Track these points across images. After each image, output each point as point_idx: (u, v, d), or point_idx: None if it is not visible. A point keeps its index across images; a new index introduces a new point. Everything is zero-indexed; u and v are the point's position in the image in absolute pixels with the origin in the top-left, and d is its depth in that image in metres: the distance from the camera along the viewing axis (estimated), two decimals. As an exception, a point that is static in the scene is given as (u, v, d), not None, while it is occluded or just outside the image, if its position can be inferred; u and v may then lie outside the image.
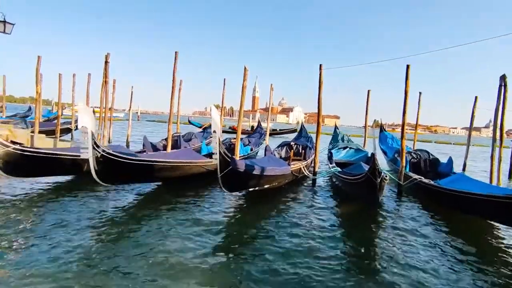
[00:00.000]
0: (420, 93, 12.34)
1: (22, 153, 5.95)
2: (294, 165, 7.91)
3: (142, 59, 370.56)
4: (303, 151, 10.62)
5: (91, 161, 5.01)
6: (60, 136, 13.35)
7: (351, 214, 6.08)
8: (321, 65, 8.19)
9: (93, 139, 4.98)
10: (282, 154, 10.44)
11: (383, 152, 11.76)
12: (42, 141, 10.02)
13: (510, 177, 11.50)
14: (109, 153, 5.31)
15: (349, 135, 14.13)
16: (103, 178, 5.34)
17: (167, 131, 9.58)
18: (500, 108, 8.04)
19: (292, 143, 10.90)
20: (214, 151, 5.00)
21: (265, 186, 6.59)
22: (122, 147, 9.94)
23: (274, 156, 8.92)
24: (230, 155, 5.32)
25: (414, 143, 13.06)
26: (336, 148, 11.46)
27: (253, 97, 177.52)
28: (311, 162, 9.65)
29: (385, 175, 5.50)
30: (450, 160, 9.03)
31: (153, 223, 4.83)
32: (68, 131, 15.66)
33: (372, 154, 5.74)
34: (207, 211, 5.57)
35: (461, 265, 4.12)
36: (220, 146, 4.97)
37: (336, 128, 14.66)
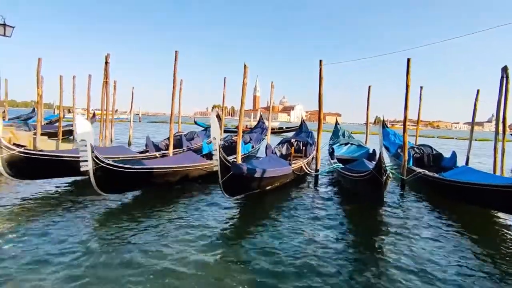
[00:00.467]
0: (421, 87, 12.24)
1: (26, 156, 5.97)
2: (295, 164, 7.88)
3: (141, 60, 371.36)
4: (303, 147, 10.58)
5: (91, 174, 5.04)
6: (62, 138, 13.41)
7: (355, 210, 6.04)
8: (321, 61, 8.17)
9: (93, 152, 4.99)
10: (283, 151, 10.41)
11: (386, 148, 11.71)
12: (44, 143, 10.06)
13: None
14: (109, 164, 5.32)
15: (350, 132, 14.09)
16: (104, 189, 5.37)
17: (169, 131, 9.59)
18: (502, 100, 7.96)
19: (293, 140, 10.86)
20: (215, 158, 4.98)
21: (267, 188, 6.58)
22: (124, 147, 9.96)
23: (275, 156, 8.86)
24: (231, 160, 5.25)
25: (416, 139, 12.99)
26: (338, 144, 11.42)
27: (254, 97, 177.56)
28: (312, 159, 9.62)
29: (389, 173, 5.48)
30: (454, 154, 8.99)
31: (154, 225, 4.80)
32: (70, 133, 15.72)
33: (373, 150, 5.71)
34: (208, 212, 5.51)
35: (468, 257, 4.10)
36: (221, 152, 4.95)
37: (337, 123, 14.63)
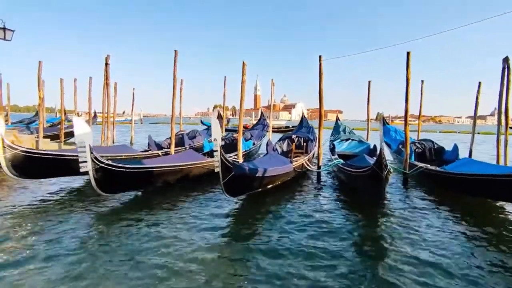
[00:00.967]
0: (422, 81, 12.20)
1: (29, 155, 6.02)
2: (297, 161, 7.86)
3: (141, 61, 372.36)
4: (304, 144, 10.54)
5: (90, 174, 5.07)
6: (65, 140, 13.48)
7: (358, 206, 6.00)
8: (320, 56, 8.15)
9: (92, 152, 5.01)
10: (284, 148, 10.38)
11: (387, 145, 11.67)
12: (47, 146, 10.15)
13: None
14: (109, 164, 5.34)
15: (351, 128, 14.05)
16: (105, 189, 5.40)
17: (170, 130, 9.64)
18: (504, 92, 7.90)
19: (294, 136, 10.81)
20: (216, 159, 4.97)
21: (268, 186, 6.57)
22: (127, 146, 10.02)
23: (276, 154, 8.83)
24: (232, 161, 5.22)
25: (418, 134, 12.93)
26: (339, 140, 11.39)
27: (255, 96, 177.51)
28: (313, 155, 9.60)
29: (390, 168, 5.44)
30: (456, 147, 8.94)
31: (155, 225, 4.78)
32: (72, 134, 15.78)
33: (374, 146, 5.68)
34: (210, 211, 5.49)
35: (473, 248, 4.09)
36: (222, 153, 4.93)
37: (337, 120, 14.60)
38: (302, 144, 10.58)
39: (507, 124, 7.78)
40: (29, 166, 6.01)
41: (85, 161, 4.98)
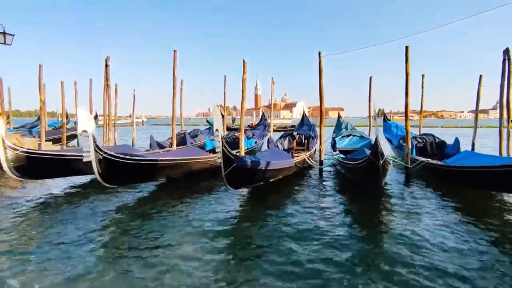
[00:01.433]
0: (423, 75, 12.13)
1: (30, 156, 6.06)
2: (298, 157, 7.88)
3: (141, 61, 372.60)
4: (305, 141, 10.56)
5: (93, 164, 5.06)
6: (67, 143, 13.55)
7: (359, 199, 6.01)
8: (320, 53, 8.14)
9: (95, 142, 5.02)
10: (285, 145, 10.41)
11: (388, 141, 11.63)
12: (49, 149, 10.18)
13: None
14: (111, 155, 5.32)
15: (353, 125, 14.02)
16: (107, 180, 5.38)
17: (171, 130, 9.69)
18: (505, 84, 7.87)
19: (295, 133, 10.84)
20: (218, 150, 4.94)
21: (270, 180, 6.57)
22: (129, 146, 10.07)
23: (278, 149, 8.89)
24: (234, 153, 5.23)
25: (420, 129, 12.87)
26: (340, 136, 11.38)
27: (255, 95, 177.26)
28: (314, 152, 9.60)
29: (387, 158, 5.42)
30: (457, 140, 8.90)
31: (160, 220, 4.85)
32: (74, 137, 15.87)
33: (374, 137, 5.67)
34: (213, 206, 5.52)
35: (475, 241, 4.07)
36: (224, 144, 4.90)
37: (339, 117, 14.58)
38: (303, 141, 10.59)
39: (509, 117, 7.74)
40: (30, 166, 6.04)
41: (88, 151, 4.99)
